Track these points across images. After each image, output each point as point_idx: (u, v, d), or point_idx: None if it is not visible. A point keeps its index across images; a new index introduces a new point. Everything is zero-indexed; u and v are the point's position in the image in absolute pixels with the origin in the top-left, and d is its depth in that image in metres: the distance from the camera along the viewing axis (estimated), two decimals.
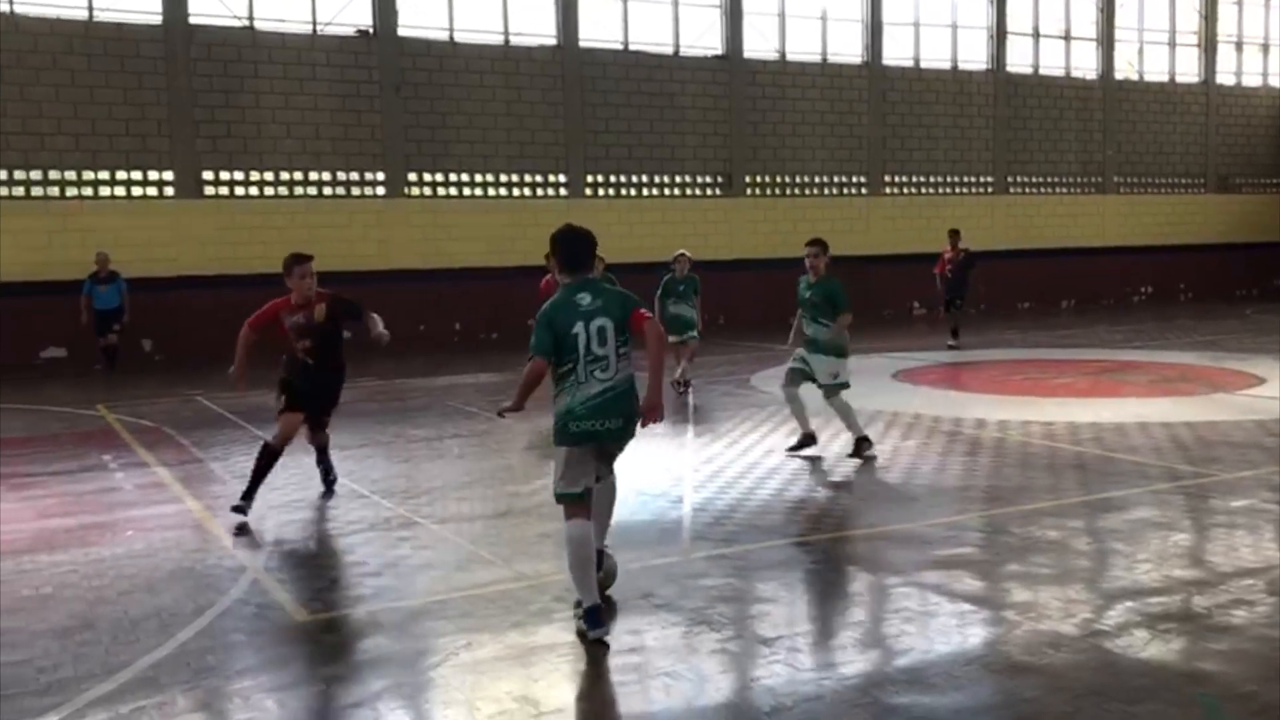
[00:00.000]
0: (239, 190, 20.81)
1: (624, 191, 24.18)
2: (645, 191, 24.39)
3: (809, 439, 9.76)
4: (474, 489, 8.93)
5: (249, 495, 7.84)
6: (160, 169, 20.14)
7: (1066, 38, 29.30)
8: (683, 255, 14.21)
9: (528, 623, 5.51)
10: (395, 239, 21.55)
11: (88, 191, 19.74)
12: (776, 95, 25.47)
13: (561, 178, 23.41)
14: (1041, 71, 28.91)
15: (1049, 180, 29.16)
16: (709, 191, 25.07)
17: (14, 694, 4.78)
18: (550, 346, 5.39)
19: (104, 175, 19.80)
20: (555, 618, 5.58)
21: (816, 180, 26.18)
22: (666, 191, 24.60)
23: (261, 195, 20.92)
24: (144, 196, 20.11)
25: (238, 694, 4.73)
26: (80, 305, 18.00)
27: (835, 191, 26.41)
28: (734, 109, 24.99)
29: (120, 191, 19.97)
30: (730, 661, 5.03)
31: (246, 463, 9.84)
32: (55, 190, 19.50)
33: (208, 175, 20.47)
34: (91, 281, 18.08)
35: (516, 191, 23.07)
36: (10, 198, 19.15)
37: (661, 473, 9.17)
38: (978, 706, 4.49)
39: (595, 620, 5.24)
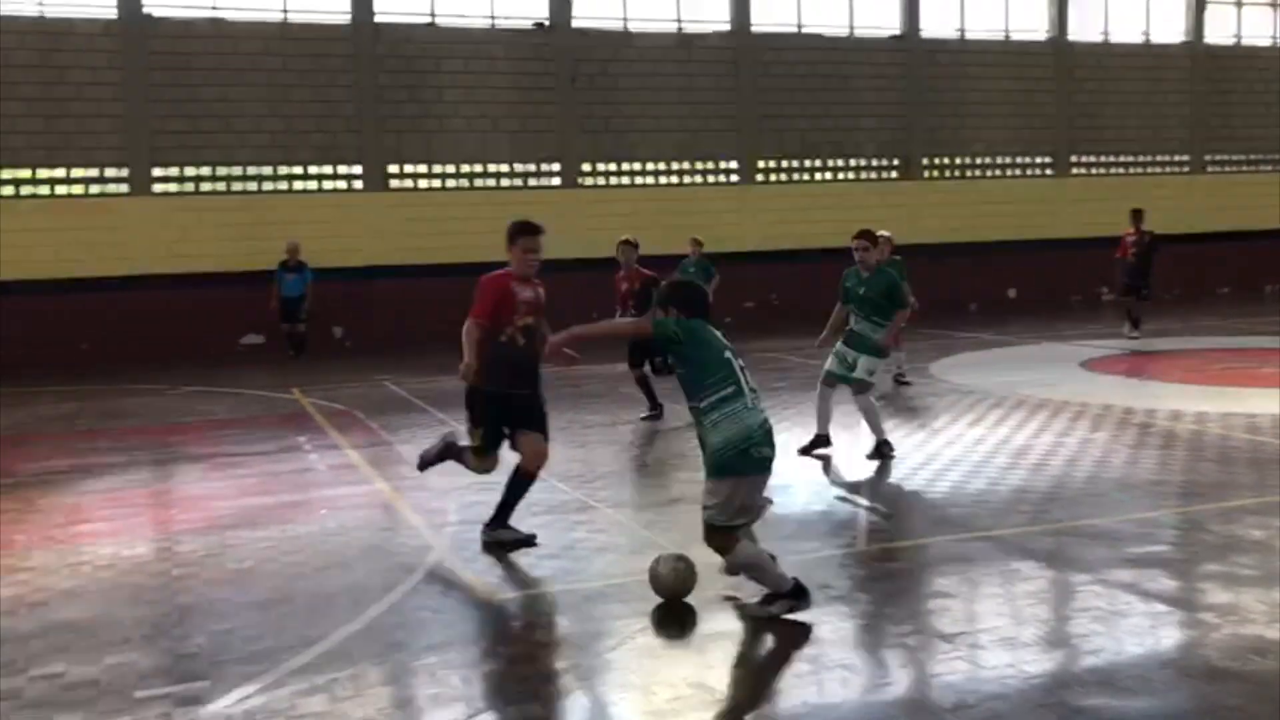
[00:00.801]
0: (422, 183, 21.54)
1: (796, 177, 23.95)
2: (819, 176, 24.11)
3: (824, 440, 9.33)
4: (647, 475, 9.02)
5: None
6: (349, 163, 21.01)
7: (1275, 4, 27.51)
8: (884, 236, 13.53)
9: (702, 610, 5.53)
10: (571, 228, 21.89)
11: (282, 186, 20.75)
12: (956, 74, 24.78)
13: (733, 164, 23.36)
14: (1244, 42, 27.24)
15: (1251, 158, 27.47)
16: (885, 175, 24.59)
17: (223, 660, 5.08)
18: (692, 344, 5.39)
19: (297, 170, 20.78)
20: (727, 605, 5.58)
21: (998, 161, 25.37)
22: (840, 176, 24.25)
23: (443, 188, 21.60)
24: (334, 190, 21.03)
25: (424, 669, 4.90)
26: (269, 293, 19.03)
27: (1018, 173, 25.54)
28: (911, 90, 24.43)
29: (312, 185, 20.93)
30: (908, 656, 4.94)
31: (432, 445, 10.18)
32: (253, 185, 20.57)
33: (393, 169, 21.25)
34: (281, 270, 19.04)
35: (688, 179, 23.14)
36: (213, 193, 20.32)
37: (835, 463, 9.06)
38: (1174, 712, 4.29)
39: (801, 593, 5.37)
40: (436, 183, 21.63)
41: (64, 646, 5.41)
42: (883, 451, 9.07)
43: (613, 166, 22.64)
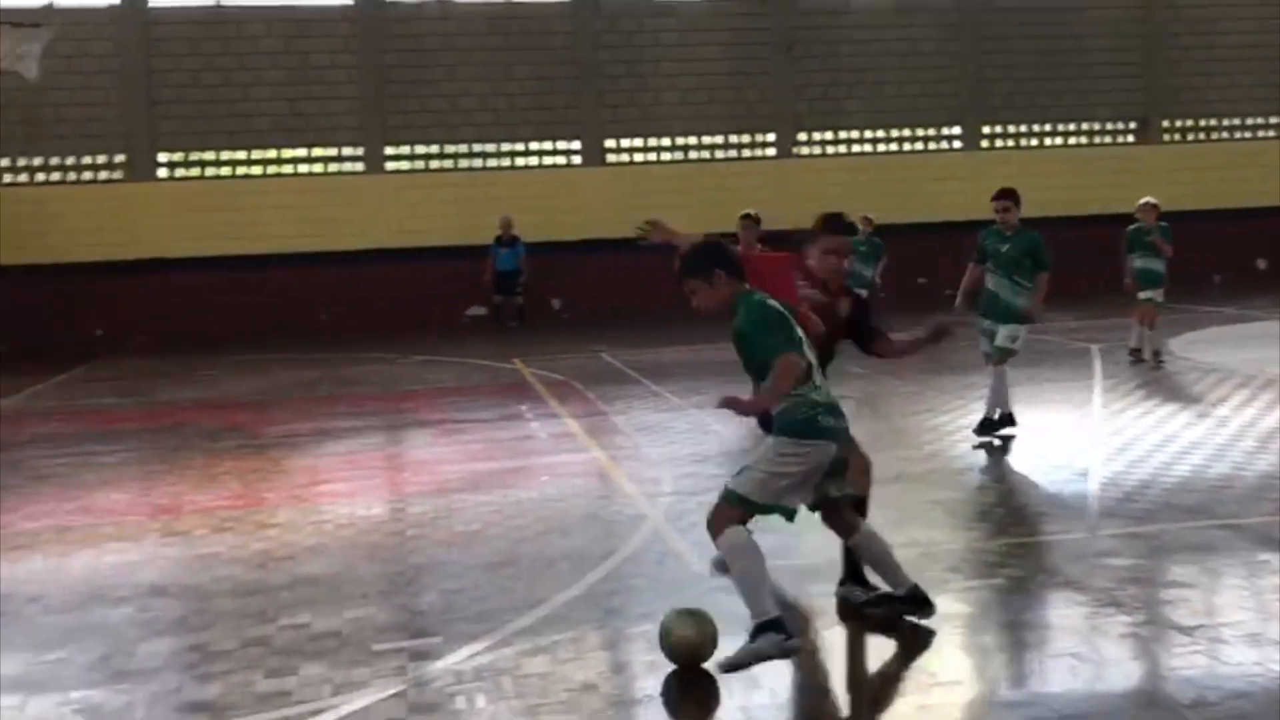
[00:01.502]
0: (638, 157, 21.79)
1: (1023, 142, 22.97)
2: (1048, 142, 23.05)
3: (1009, 419, 8.81)
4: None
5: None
6: (569, 139, 21.47)
7: None
8: (1148, 203, 12.70)
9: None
10: (787, 198, 21.70)
11: (505, 162, 21.41)
12: (1203, 29, 23.13)
13: (956, 130, 22.61)
14: None
15: None
16: (1120, 139, 23.28)
17: (453, 619, 5.33)
18: (785, 340, 4.59)
19: (519, 146, 21.39)
20: (949, 587, 5.44)
21: (1246, 123, 23.60)
22: (1071, 140, 23.11)
23: (659, 161, 21.80)
24: (554, 165, 21.54)
25: (641, 636, 4.99)
26: (483, 267, 19.70)
27: (1272, 134, 23.69)
28: (1150, 47, 22.99)
29: (533, 161, 21.50)
30: (1142, 647, 4.70)
31: (646, 416, 10.37)
32: (478, 162, 21.31)
33: (610, 143, 21.58)
34: (495, 245, 19.64)
35: (908, 146, 22.55)
36: (440, 170, 21.15)
37: (1065, 443, 8.69)
38: None
39: (779, 628, 4.47)
40: (652, 156, 21.85)
41: (309, 599, 5.79)
42: (1001, 424, 8.75)
43: (829, 135, 22.30)
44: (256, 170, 20.69)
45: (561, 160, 21.64)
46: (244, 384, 14.11)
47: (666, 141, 21.81)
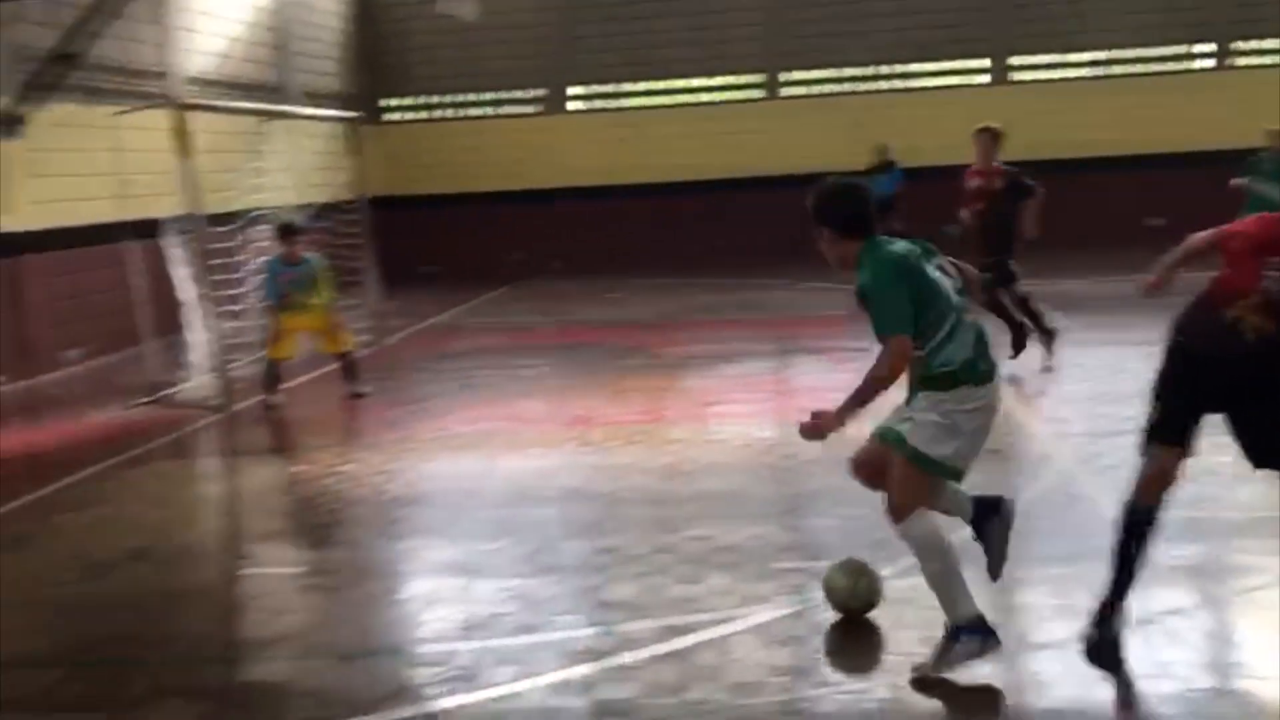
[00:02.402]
0: (1051, 74, 20.55)
1: None
2: None
3: None
4: None
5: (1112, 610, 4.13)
6: (978, 57, 20.56)
7: None
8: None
9: None
10: (1224, 119, 19.67)
11: (908, 84, 20.87)
12: None
13: None
14: None
15: None
16: None
17: (851, 545, 5.35)
18: (911, 314, 3.95)
19: (924, 67, 20.77)
20: None
21: None
22: None
23: (1073, 78, 20.42)
24: (959, 86, 20.70)
25: (1046, 580, 4.83)
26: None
27: None
28: None
29: (932, 83, 20.80)
30: None
31: (1066, 353, 9.73)
32: (880, 84, 20.91)
33: (1015, 60, 20.46)
34: (870, 172, 19.04)
35: None
36: (838, 94, 20.91)
37: None
38: None
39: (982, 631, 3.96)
40: (1070, 73, 20.50)
41: (710, 514, 6.05)
42: None
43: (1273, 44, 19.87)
44: (661, 100, 21.41)
45: (966, 80, 20.75)
46: (649, 307, 14.79)
47: (1082, 56, 20.34)
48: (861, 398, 3.99)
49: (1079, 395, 8.09)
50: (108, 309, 13.00)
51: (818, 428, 4.07)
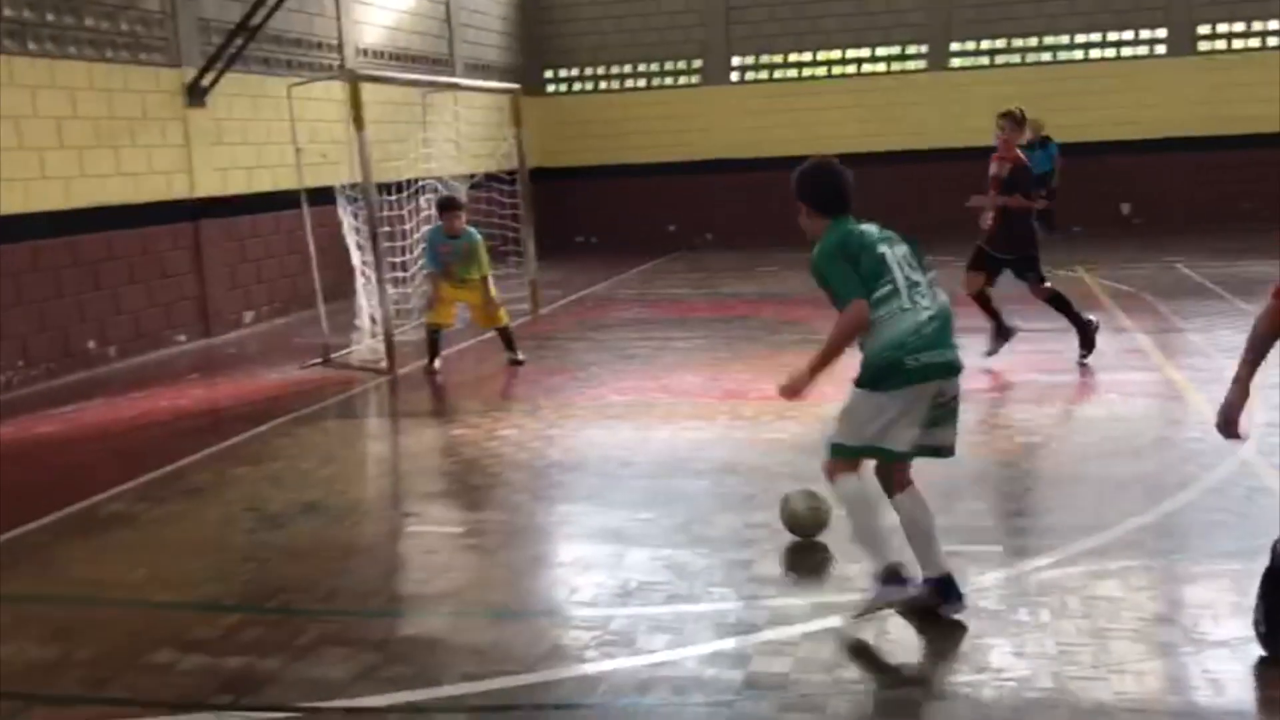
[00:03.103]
0: (1236, 43, 19.41)
1: None
2: None
3: None
4: None
5: None
6: (1152, 27, 19.58)
7: None
8: None
9: None
10: None
11: (1077, 55, 20.03)
12: None
13: None
14: None
15: None
16: None
17: (1013, 530, 5.25)
18: (859, 281, 4.24)
19: (1095, 37, 19.87)
20: None
21: None
22: None
23: (1262, 47, 19.27)
24: (1133, 57, 19.79)
25: (1228, 575, 4.60)
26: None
27: None
28: None
29: (1110, 53, 19.90)
30: None
31: (1230, 336, 9.36)
32: (1047, 56, 20.13)
33: (1203, 29, 19.40)
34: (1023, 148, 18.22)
35: None
36: (1007, 65, 20.21)
37: None
38: None
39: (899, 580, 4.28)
40: (1254, 42, 19.34)
41: None
42: None
43: None
44: (821, 71, 21.09)
45: (1143, 50, 19.80)
46: (804, 281, 14.60)
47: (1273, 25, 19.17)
48: (825, 357, 4.31)
49: (1262, 383, 7.66)
50: (281, 273, 13.59)
51: (794, 389, 4.45)
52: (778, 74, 21.39)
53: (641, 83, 21.65)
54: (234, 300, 12.88)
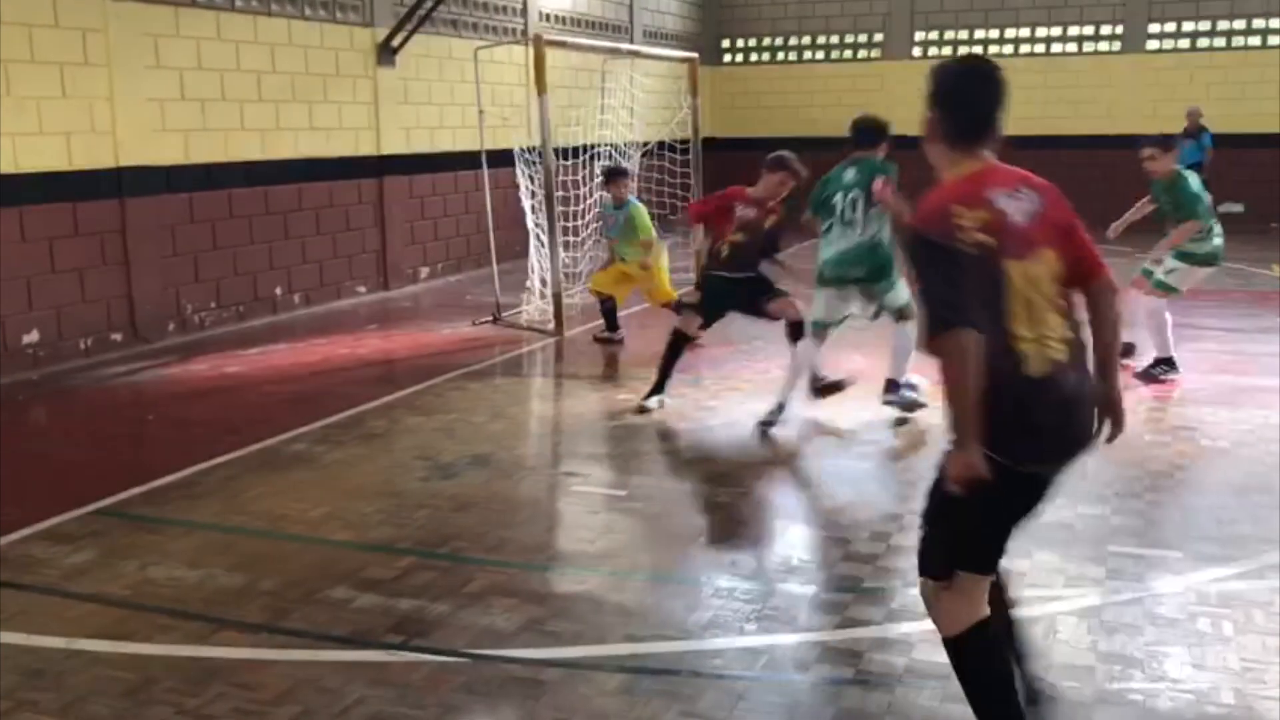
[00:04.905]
0: None
1: None
2: None
3: None
4: None
5: None
6: None
7: None
8: None
9: None
10: None
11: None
12: None
13: None
14: None
15: None
16: None
17: (1194, 537, 5.01)
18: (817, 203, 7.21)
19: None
20: None
21: None
22: None
23: None
24: None
25: None
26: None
27: None
28: None
29: None
30: None
31: None
32: (1255, 40, 19.00)
33: None
34: (1179, 136, 17.08)
35: None
36: (1210, 49, 19.15)
37: None
38: None
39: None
40: None
41: None
42: None
43: None
44: (1009, 50, 20.38)
45: None
46: None
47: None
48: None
49: None
50: (457, 231, 13.95)
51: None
52: (961, 50, 20.74)
53: (820, 54, 21.34)
54: (412, 255, 13.29)
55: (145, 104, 9.72)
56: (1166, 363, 8.05)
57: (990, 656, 3.10)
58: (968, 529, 3.03)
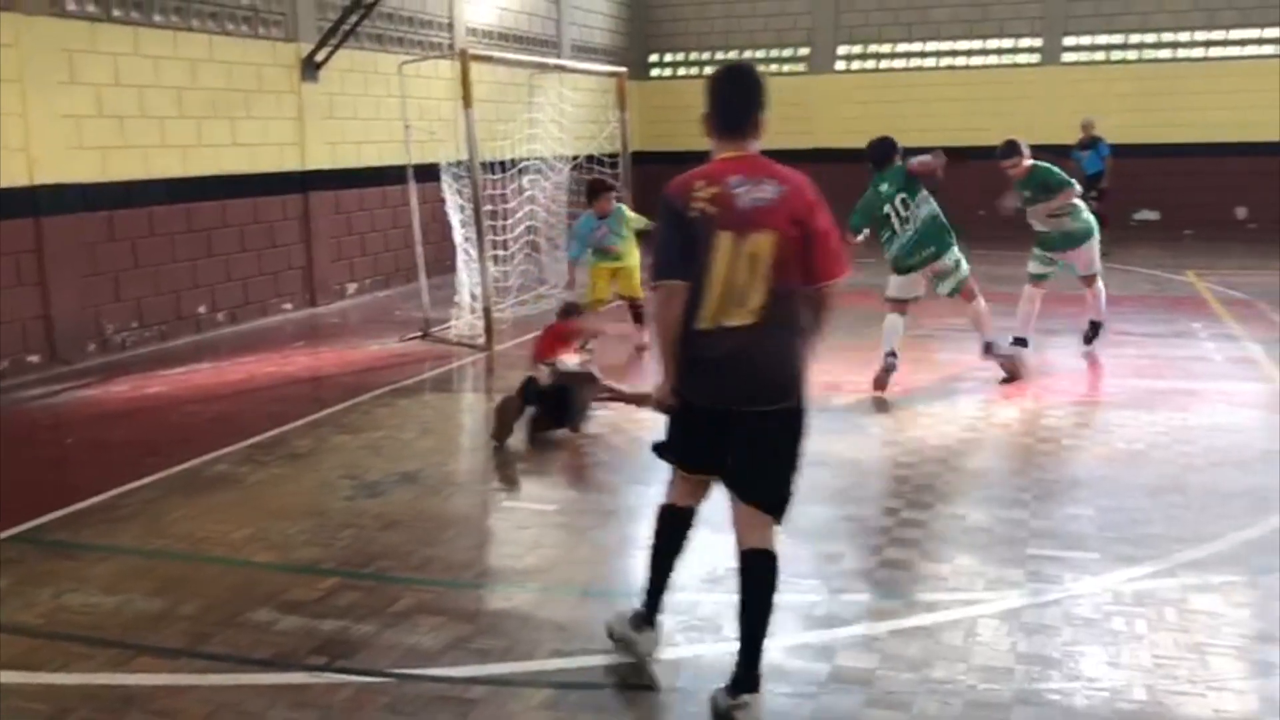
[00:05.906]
0: None
1: None
2: None
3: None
4: None
5: None
6: (1277, 25, 18.91)
7: None
8: None
9: None
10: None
11: (1196, 54, 19.40)
12: None
13: None
14: None
15: None
16: None
17: (1111, 538, 5.13)
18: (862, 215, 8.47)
19: (1216, 35, 19.24)
20: None
21: None
22: None
23: None
24: (1256, 56, 19.10)
25: None
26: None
27: None
28: None
29: (1231, 51, 19.24)
30: None
31: None
32: (1165, 53, 19.53)
33: None
34: (1076, 148, 17.54)
35: None
36: (1123, 62, 19.65)
37: None
38: None
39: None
40: None
41: (961, 490, 5.91)
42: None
43: None
44: (930, 63, 20.74)
45: (1269, 50, 19.10)
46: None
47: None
48: None
49: None
50: (385, 247, 13.86)
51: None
52: (884, 64, 21.11)
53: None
54: (338, 271, 13.17)
55: (60, 120, 9.54)
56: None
57: (669, 534, 3.99)
58: (671, 434, 3.85)
